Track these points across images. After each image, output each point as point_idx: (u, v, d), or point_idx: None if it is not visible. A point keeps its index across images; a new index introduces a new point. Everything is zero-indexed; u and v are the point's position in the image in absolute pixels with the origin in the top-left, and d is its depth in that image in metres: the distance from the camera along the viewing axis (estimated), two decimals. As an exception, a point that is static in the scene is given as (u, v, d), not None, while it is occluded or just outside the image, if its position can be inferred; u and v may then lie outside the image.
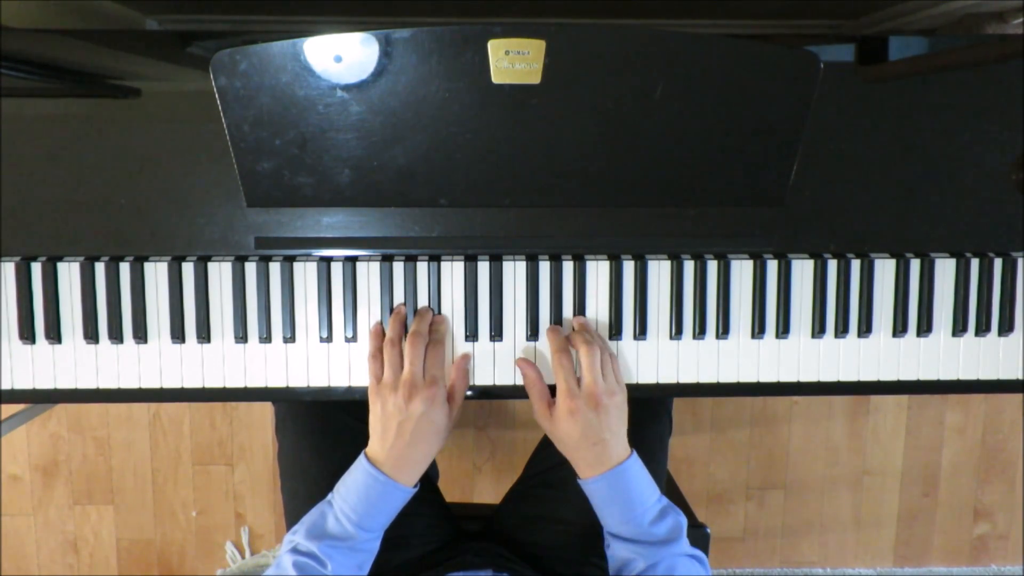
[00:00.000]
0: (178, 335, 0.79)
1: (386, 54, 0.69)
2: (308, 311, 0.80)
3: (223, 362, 0.80)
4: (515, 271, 0.81)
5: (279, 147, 0.73)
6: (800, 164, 0.77)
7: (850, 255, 0.83)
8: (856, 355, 0.84)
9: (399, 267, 0.80)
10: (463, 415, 0.80)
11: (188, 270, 0.79)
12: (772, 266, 0.82)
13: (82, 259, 0.78)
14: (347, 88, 0.70)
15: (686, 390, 0.83)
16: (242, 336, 0.80)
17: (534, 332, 0.81)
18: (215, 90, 0.71)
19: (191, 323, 0.79)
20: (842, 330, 0.83)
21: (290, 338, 0.80)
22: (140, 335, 0.79)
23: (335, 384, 0.81)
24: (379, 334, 0.79)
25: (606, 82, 0.71)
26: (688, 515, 0.93)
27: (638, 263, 0.81)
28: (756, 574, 1.75)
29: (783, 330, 0.82)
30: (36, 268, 0.79)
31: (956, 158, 0.79)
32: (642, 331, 0.82)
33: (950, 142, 0.79)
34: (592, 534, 0.82)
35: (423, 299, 0.81)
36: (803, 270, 0.83)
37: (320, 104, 0.71)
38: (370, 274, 0.80)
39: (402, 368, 0.75)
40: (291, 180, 0.74)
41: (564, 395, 0.74)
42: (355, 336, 0.80)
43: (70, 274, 0.79)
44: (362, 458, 0.75)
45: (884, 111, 0.78)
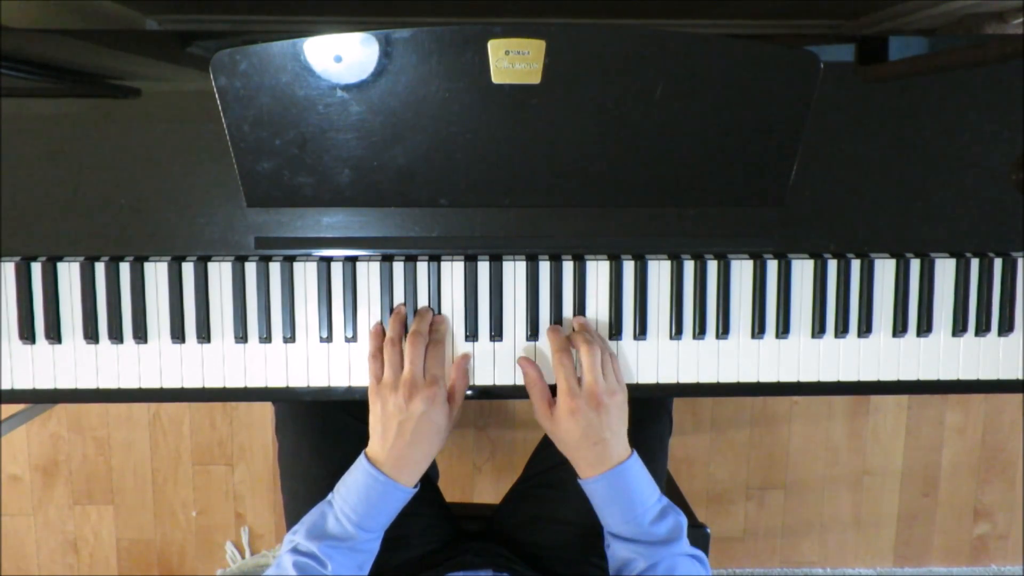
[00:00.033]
0: (178, 335, 0.79)
1: (386, 54, 0.69)
2: (308, 311, 0.80)
3: (223, 362, 0.80)
4: (515, 271, 0.81)
5: (279, 147, 0.73)
6: (800, 164, 0.77)
7: (850, 255, 0.83)
8: (856, 355, 0.84)
9: (399, 267, 0.80)
10: (463, 415, 0.80)
11: (188, 270, 0.79)
12: (772, 266, 0.82)
13: (82, 259, 0.79)
14: (347, 88, 0.70)
15: (686, 390, 0.83)
16: (242, 336, 0.80)
17: (534, 332, 0.81)
18: (215, 90, 0.71)
19: (191, 323, 0.79)
20: (842, 330, 0.83)
21: (290, 338, 0.80)
22: (140, 335, 0.79)
23: (335, 384, 0.81)
24: (379, 334, 0.79)
25: (606, 82, 0.71)
26: (688, 515, 0.93)
27: (638, 263, 0.81)
28: (756, 574, 1.75)
29: (783, 330, 0.82)
30: (36, 268, 0.79)
31: (956, 158, 0.79)
32: (642, 331, 0.82)
33: (950, 142, 0.79)
34: (592, 534, 0.82)
35: (423, 299, 0.81)
36: (803, 270, 0.83)
37: (320, 104, 0.71)
38: (370, 274, 0.80)
39: (402, 368, 0.75)
40: (291, 180, 0.74)
41: (565, 394, 0.74)
42: (355, 336, 0.80)
43: (70, 274, 0.79)
44: (362, 458, 0.75)
45: (884, 111, 0.78)
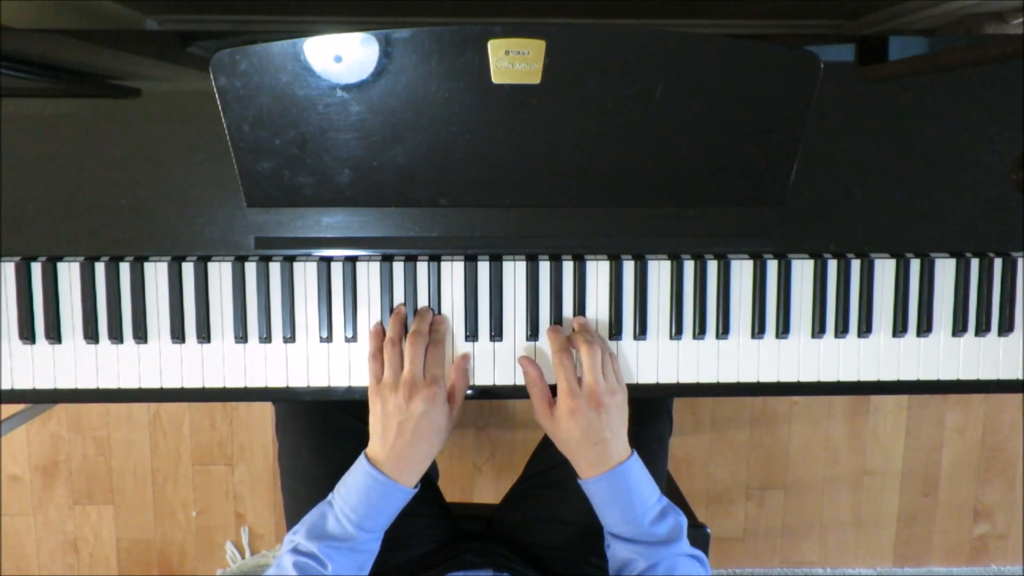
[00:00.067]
0: (178, 335, 0.79)
1: (386, 54, 0.69)
2: (308, 311, 0.80)
3: (223, 362, 0.80)
4: (515, 271, 0.81)
5: (279, 147, 0.73)
6: (800, 164, 0.77)
7: (850, 255, 0.83)
8: (856, 355, 0.84)
9: (399, 267, 0.80)
10: (463, 415, 0.80)
11: (188, 270, 0.79)
12: (772, 266, 0.82)
13: (82, 259, 0.78)
14: (347, 88, 0.70)
15: (686, 390, 0.83)
16: (242, 336, 0.80)
17: (534, 332, 0.81)
18: (215, 90, 0.71)
19: (191, 323, 0.79)
20: (842, 330, 0.83)
21: (290, 338, 0.80)
22: (140, 335, 0.79)
23: (335, 384, 0.81)
24: (379, 334, 0.79)
25: (606, 82, 0.71)
26: (688, 515, 0.93)
27: (638, 263, 0.81)
28: (756, 574, 1.75)
29: (783, 330, 0.82)
30: (36, 268, 0.79)
31: (956, 158, 0.79)
32: (642, 331, 0.82)
33: (950, 142, 0.79)
34: (592, 534, 0.82)
35: (423, 299, 0.81)
36: (803, 270, 0.83)
37: (320, 104, 0.71)
38: (370, 274, 0.80)
39: (402, 368, 0.75)
40: (291, 180, 0.74)
41: (565, 394, 0.74)
42: (355, 336, 0.80)
43: (70, 274, 0.79)
44: (362, 459, 0.75)
45: (884, 111, 0.78)
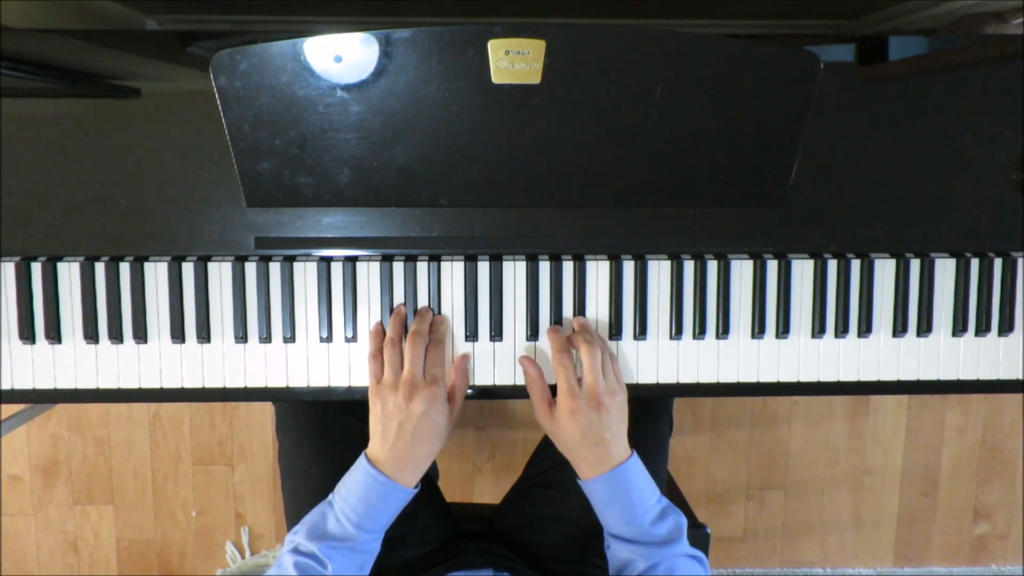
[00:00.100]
0: (178, 335, 0.79)
1: (386, 54, 0.69)
2: (308, 311, 0.80)
3: (223, 362, 0.80)
4: (515, 271, 0.81)
5: (279, 147, 0.73)
6: (800, 164, 0.77)
7: (850, 255, 0.83)
8: (856, 355, 0.84)
9: (399, 267, 0.80)
10: (463, 415, 0.80)
11: (188, 270, 0.79)
12: (772, 266, 0.82)
13: (82, 259, 0.78)
14: (347, 88, 0.70)
15: (686, 390, 0.83)
16: (242, 336, 0.80)
17: (534, 332, 0.81)
18: (215, 90, 0.71)
19: (191, 323, 0.79)
20: (842, 330, 0.83)
21: (290, 338, 0.80)
22: (140, 335, 0.79)
23: (335, 384, 0.81)
24: (379, 334, 0.79)
25: (606, 82, 0.71)
26: (688, 515, 0.93)
27: (638, 263, 0.81)
28: (756, 574, 1.75)
29: (783, 330, 0.82)
30: (36, 268, 0.79)
31: (956, 158, 0.79)
32: (642, 331, 0.82)
33: (950, 142, 0.79)
34: (592, 534, 0.82)
35: (423, 299, 0.81)
36: (803, 270, 0.83)
37: (320, 104, 0.71)
38: (370, 274, 0.80)
39: (402, 368, 0.75)
40: (291, 180, 0.74)
41: (565, 394, 0.74)
42: (355, 336, 0.80)
43: (70, 274, 0.79)
44: (362, 459, 0.75)
45: (884, 111, 0.78)
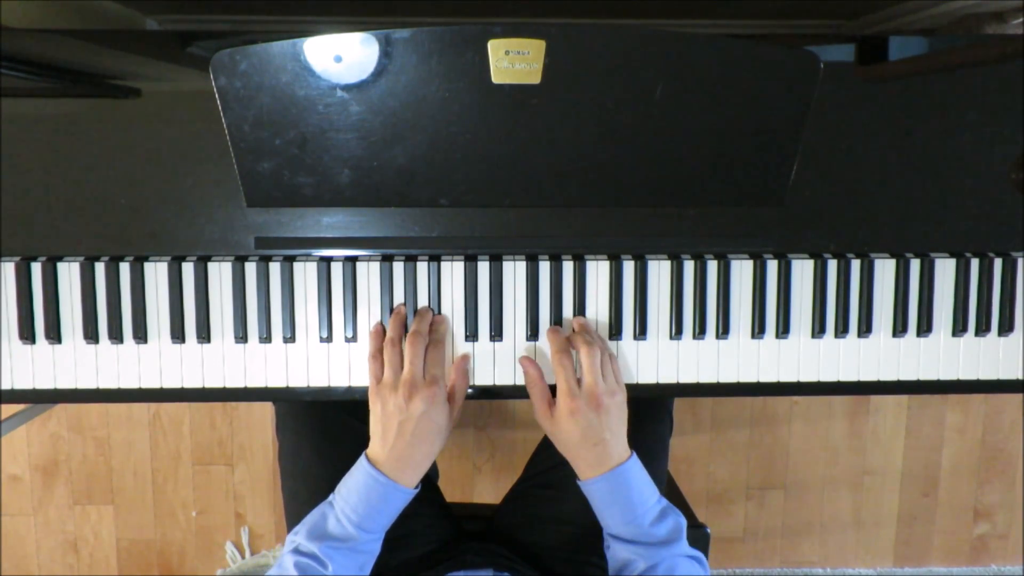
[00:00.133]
0: (178, 335, 0.79)
1: (386, 54, 0.69)
2: (308, 311, 0.80)
3: (223, 362, 0.80)
4: (515, 271, 0.81)
5: (279, 147, 0.73)
6: (800, 164, 0.77)
7: (850, 255, 0.83)
8: (856, 355, 0.84)
9: (399, 267, 0.80)
10: (463, 415, 0.80)
11: (188, 270, 0.79)
12: (772, 266, 0.82)
13: (82, 259, 0.78)
14: (347, 88, 0.70)
15: (686, 390, 0.83)
16: (242, 336, 0.80)
17: (534, 332, 0.81)
18: (215, 90, 0.71)
19: (191, 323, 0.79)
20: (842, 330, 0.83)
21: (290, 338, 0.80)
22: (140, 335, 0.79)
23: (335, 384, 0.81)
24: (379, 334, 0.79)
25: (606, 82, 0.71)
26: (688, 515, 0.93)
27: (638, 263, 0.81)
28: (756, 574, 1.75)
29: (783, 330, 0.82)
30: (36, 268, 0.79)
31: (956, 158, 0.79)
32: (642, 331, 0.82)
33: (950, 142, 0.79)
34: (592, 534, 0.82)
35: (423, 299, 0.81)
36: (803, 270, 0.83)
37: (320, 104, 0.71)
38: (370, 274, 0.80)
39: (402, 368, 0.75)
40: (291, 180, 0.74)
41: (565, 395, 0.74)
42: (355, 336, 0.80)
43: (70, 274, 0.79)
44: (363, 459, 0.75)
45: (884, 111, 0.78)
